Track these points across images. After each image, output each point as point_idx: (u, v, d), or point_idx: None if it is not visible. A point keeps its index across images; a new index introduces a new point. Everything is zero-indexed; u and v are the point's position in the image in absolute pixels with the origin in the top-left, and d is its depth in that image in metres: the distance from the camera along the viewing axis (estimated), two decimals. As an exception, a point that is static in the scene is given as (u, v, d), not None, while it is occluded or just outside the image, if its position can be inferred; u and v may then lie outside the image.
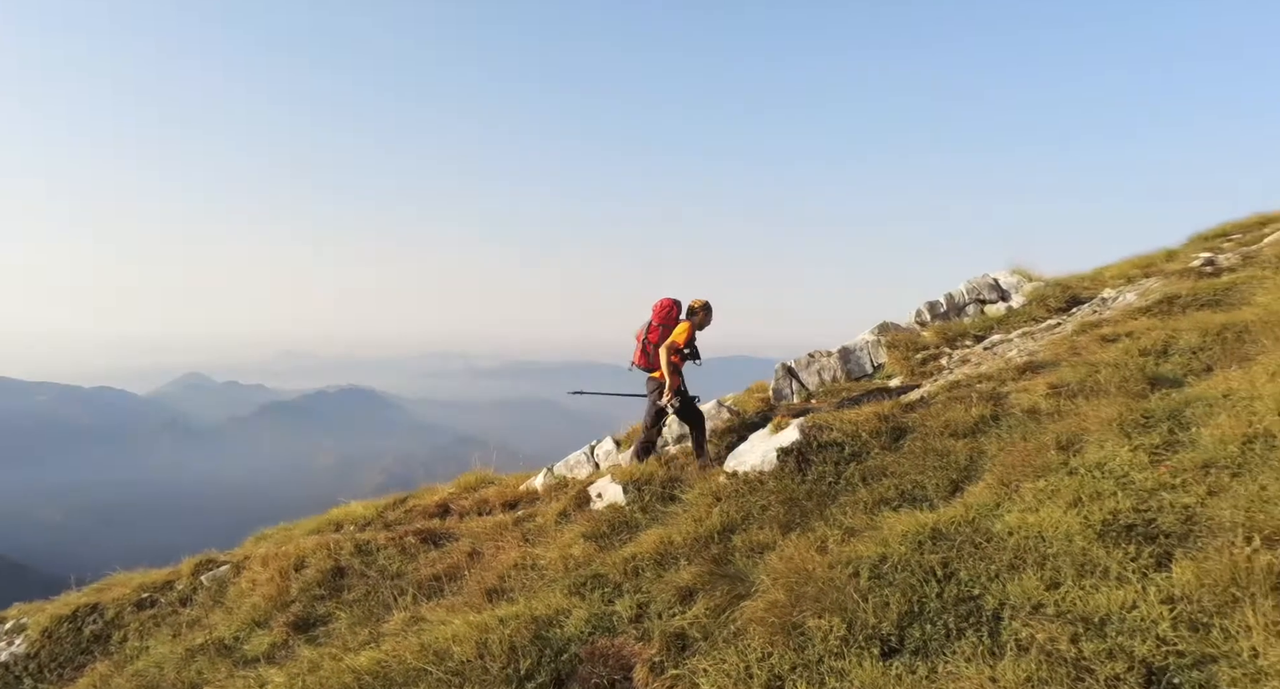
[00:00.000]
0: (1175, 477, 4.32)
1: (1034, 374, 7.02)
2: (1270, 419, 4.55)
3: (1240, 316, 6.49)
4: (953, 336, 9.34)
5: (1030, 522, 4.20)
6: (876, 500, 5.50)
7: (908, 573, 4.05)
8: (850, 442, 6.56)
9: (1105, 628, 3.30)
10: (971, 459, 5.72)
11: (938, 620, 3.65)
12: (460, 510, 10.10)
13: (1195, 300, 7.37)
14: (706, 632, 4.37)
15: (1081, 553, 3.81)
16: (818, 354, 9.73)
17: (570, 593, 5.46)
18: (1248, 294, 7.01)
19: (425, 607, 6.90)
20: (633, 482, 7.42)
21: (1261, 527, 3.55)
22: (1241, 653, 2.98)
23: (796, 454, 6.46)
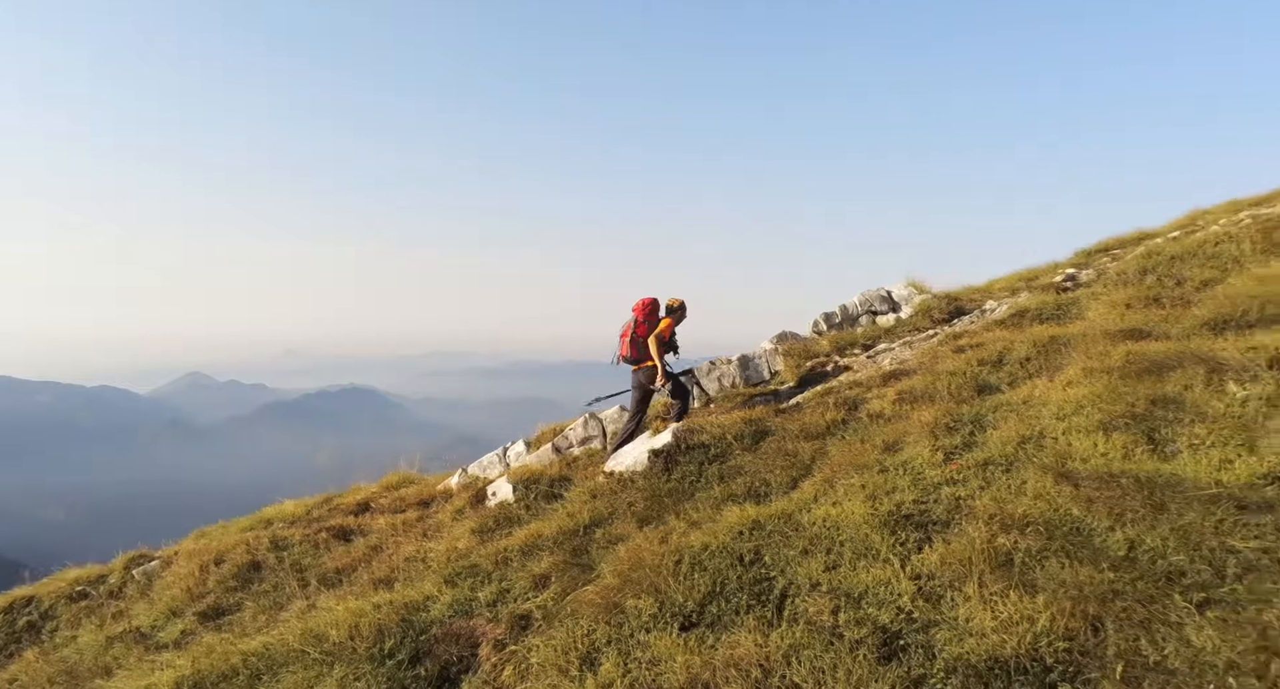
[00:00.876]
0: (960, 473, 4.89)
1: (894, 381, 7.58)
2: (1047, 422, 5.12)
3: (1068, 330, 7.06)
4: (844, 345, 9.89)
5: (832, 513, 4.75)
6: (726, 496, 6.05)
7: (722, 559, 4.59)
8: (716, 444, 7.12)
9: (862, 601, 3.86)
10: (813, 459, 6.28)
11: (734, 598, 4.19)
12: (379, 508, 10.60)
13: (1041, 314, 7.94)
14: (548, 613, 4.90)
15: (864, 539, 4.36)
16: (719, 362, 10.27)
17: (444, 581, 5.98)
18: (1083, 309, 7.57)
19: (322, 596, 7.45)
20: (522, 481, 7.94)
21: (1009, 515, 4.12)
22: (958, 619, 3.55)
23: (666, 455, 7.01)
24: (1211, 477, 3.95)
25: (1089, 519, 3.89)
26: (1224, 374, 4.85)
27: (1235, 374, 4.83)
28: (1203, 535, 3.57)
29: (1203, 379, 4.85)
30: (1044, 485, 4.25)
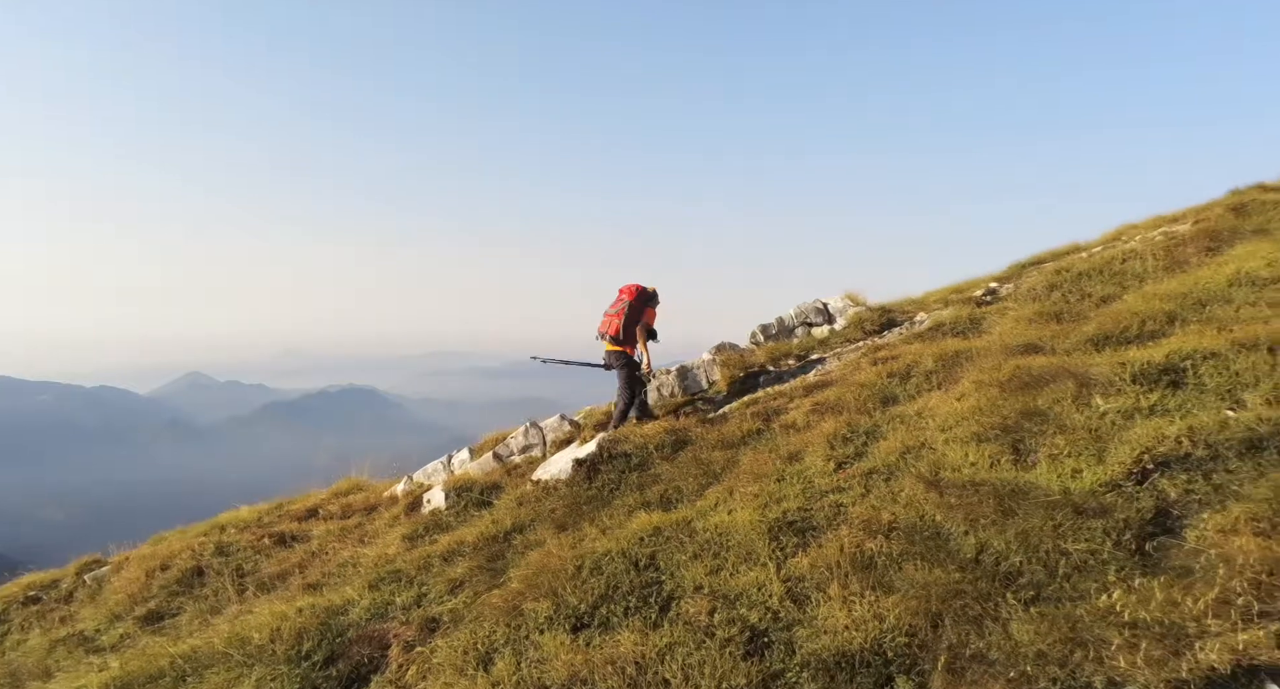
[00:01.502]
0: (846, 482, 5.21)
1: (814, 392, 7.90)
2: (931, 433, 5.45)
3: (974, 344, 7.41)
4: (778, 356, 10.21)
5: (725, 521, 5.05)
6: (639, 503, 6.33)
7: (619, 563, 4.88)
8: (638, 453, 7.39)
9: (737, 602, 4.16)
10: (724, 468, 6.58)
11: (624, 601, 4.47)
12: (326, 514, 10.75)
13: (955, 328, 8.29)
14: (456, 616, 5.16)
15: (748, 544, 4.66)
16: (658, 372, 10.55)
17: (368, 586, 6.21)
18: (992, 324, 7.94)
19: (257, 601, 7.64)
20: (455, 488, 8.16)
21: (878, 521, 4.44)
22: (818, 618, 3.85)
23: (589, 464, 7.27)
24: (1060, 485, 4.29)
25: (948, 524, 4.22)
26: (1092, 388, 5.22)
27: (1102, 388, 5.20)
28: (1041, 539, 3.90)
29: (1072, 393, 5.20)
30: (915, 493, 4.57)
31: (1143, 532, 3.91)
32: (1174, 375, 5.24)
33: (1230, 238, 8.38)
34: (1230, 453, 4.36)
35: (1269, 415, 4.66)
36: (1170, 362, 5.37)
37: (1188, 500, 4.10)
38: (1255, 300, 6.34)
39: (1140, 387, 5.13)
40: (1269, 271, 6.80)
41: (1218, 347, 5.45)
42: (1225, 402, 4.94)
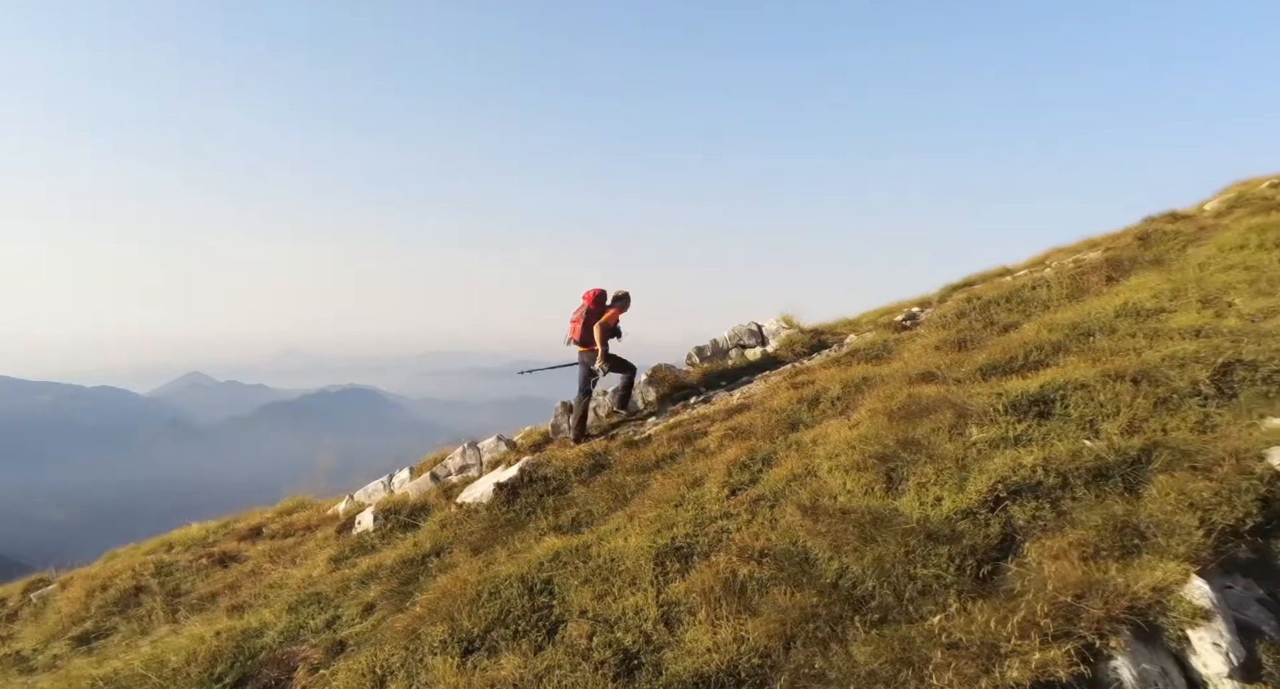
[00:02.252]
0: (736, 508, 5.50)
1: (734, 415, 8.19)
2: (820, 460, 5.76)
3: (881, 370, 7.76)
4: (711, 378, 10.52)
5: (620, 546, 5.31)
6: (551, 527, 6.58)
7: (517, 588, 5.12)
8: (558, 476, 7.65)
9: (615, 626, 4.42)
10: (635, 491, 6.85)
11: (515, 625, 4.72)
12: (269, 533, 10.87)
13: (870, 353, 8.64)
14: (363, 639, 5.38)
15: (636, 570, 4.93)
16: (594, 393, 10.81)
17: (287, 608, 6.40)
18: (903, 349, 8.29)
19: (186, 622, 7.78)
20: (384, 510, 8.36)
21: (755, 547, 4.73)
22: (685, 640, 4.13)
23: (509, 488, 7.51)
24: (922, 512, 4.62)
25: (816, 550, 4.53)
26: (969, 418, 5.56)
27: (978, 418, 5.54)
28: (895, 564, 4.22)
29: (950, 423, 5.54)
30: (793, 520, 4.88)
31: (986, 556, 4.24)
32: (1044, 406, 5.60)
33: (1131, 267, 8.83)
34: (1079, 481, 4.72)
35: (1121, 445, 5.03)
36: (1043, 392, 5.73)
37: (1033, 526, 4.44)
38: (1135, 331, 6.74)
39: (1012, 417, 5.48)
40: (1153, 303, 7.22)
41: (1088, 378, 5.82)
42: (1085, 431, 5.32)
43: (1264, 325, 6.17)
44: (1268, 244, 7.72)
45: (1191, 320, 6.64)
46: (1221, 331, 6.31)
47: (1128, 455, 4.90)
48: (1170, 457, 4.86)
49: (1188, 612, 3.62)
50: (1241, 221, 8.77)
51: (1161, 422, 5.32)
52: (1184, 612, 3.62)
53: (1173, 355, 6.04)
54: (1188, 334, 6.42)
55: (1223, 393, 5.57)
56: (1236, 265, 7.43)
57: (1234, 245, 7.93)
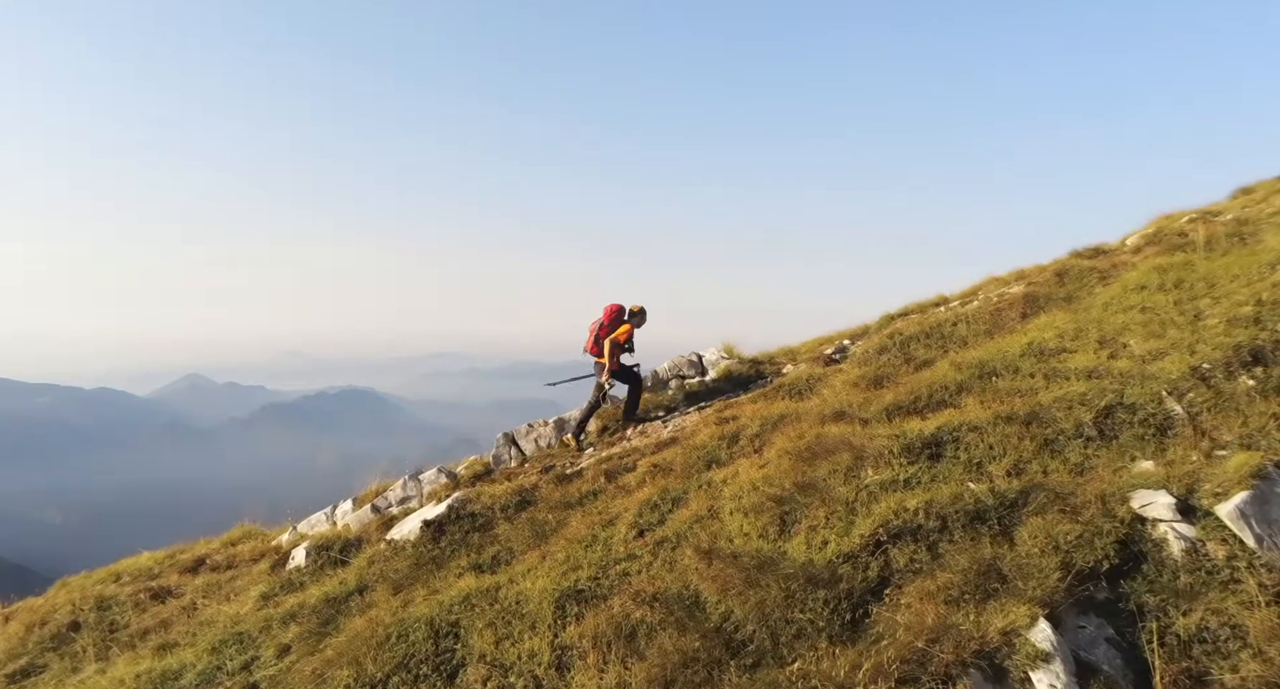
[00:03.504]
0: (640, 549, 5.71)
1: (661, 450, 8.41)
2: (725, 501, 6.00)
3: (801, 407, 8.03)
4: (650, 408, 10.74)
5: (527, 588, 5.50)
6: (471, 566, 6.74)
7: (424, 631, 5.29)
8: (485, 513, 7.82)
9: (510, 671, 4.62)
10: (555, 529, 7.04)
11: (417, 669, 4.89)
12: (211, 565, 10.88)
13: (794, 387, 8.91)
14: (274, 682, 5.51)
15: (537, 613, 5.12)
16: (536, 424, 11.00)
17: (210, 648, 6.49)
18: (826, 385, 8.58)
19: (115, 661, 7.82)
20: (316, 546, 8.46)
21: (650, 591, 4.94)
22: (573, 686, 4.33)
23: (436, 525, 7.67)
24: (807, 556, 4.87)
25: (706, 594, 4.76)
26: (865, 460, 5.84)
27: (873, 460, 5.82)
28: (775, 608, 4.46)
29: (848, 464, 5.81)
30: (690, 563, 5.11)
31: (861, 600, 4.50)
32: (937, 448, 5.90)
33: (1045, 304, 9.21)
34: (958, 524, 5.00)
35: (1002, 487, 5.33)
36: (937, 434, 6.03)
37: (909, 570, 4.71)
38: (1035, 371, 7.08)
39: (905, 459, 5.76)
40: (1055, 343, 7.57)
41: (981, 420, 6.14)
42: (972, 473, 5.62)
43: (1149, 368, 6.52)
44: (1166, 285, 8.11)
45: (1087, 361, 6.98)
46: (1112, 373, 6.65)
47: (1006, 498, 5.19)
48: (1046, 498, 5.16)
49: (1031, 654, 3.89)
50: (1149, 261, 9.19)
51: (1043, 463, 5.64)
52: (1028, 654, 3.89)
53: (1063, 397, 6.37)
54: (1082, 375, 6.76)
55: (1104, 435, 5.90)
56: (1135, 306, 7.81)
57: (1136, 285, 8.32)
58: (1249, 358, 6.39)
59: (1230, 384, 6.16)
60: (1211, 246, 9.06)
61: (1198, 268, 8.35)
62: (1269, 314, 6.96)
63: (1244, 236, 9.17)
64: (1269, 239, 8.70)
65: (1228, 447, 5.57)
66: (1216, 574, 4.47)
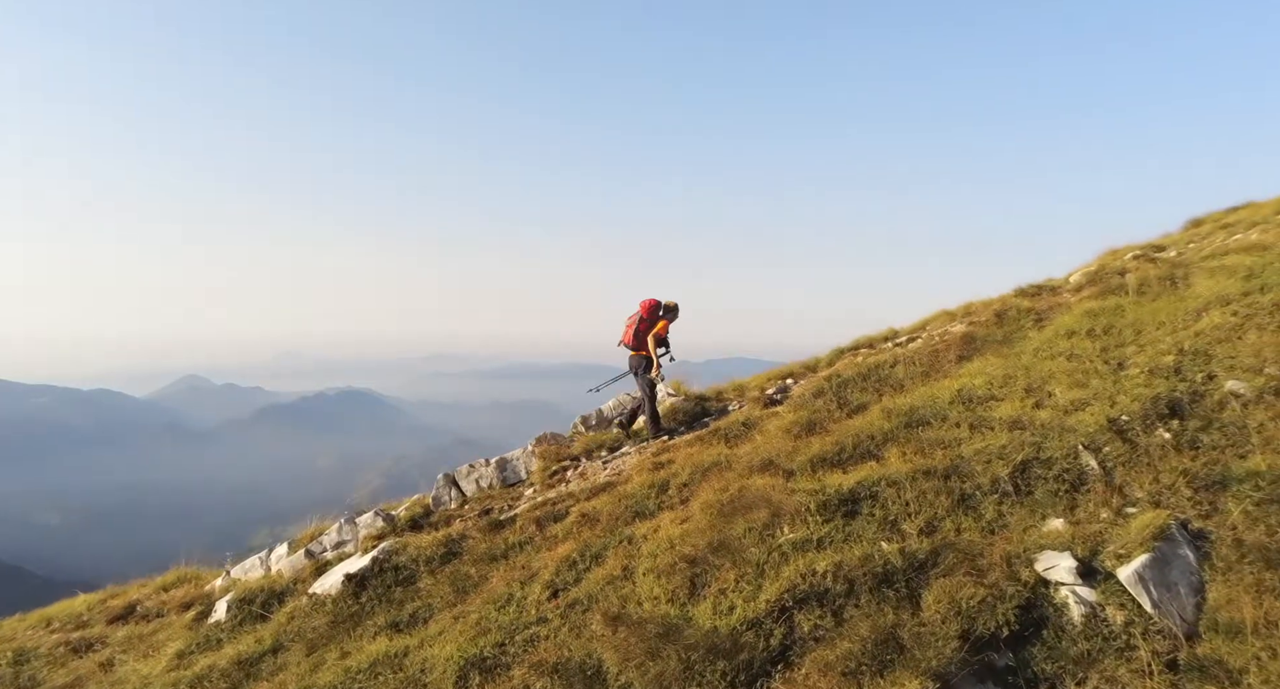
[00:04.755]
0: (553, 612, 5.68)
1: (597, 495, 8.39)
2: (642, 559, 5.99)
3: (734, 452, 8.07)
4: (593, 449, 10.74)
5: (433, 654, 5.46)
6: (389, 623, 6.68)
7: None
8: (410, 565, 7.74)
9: None
10: (477, 583, 7.00)
11: None
12: (141, 613, 10.67)
13: (729, 432, 8.94)
14: None
15: (440, 683, 5.08)
16: (477, 464, 10.95)
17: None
18: (760, 429, 8.63)
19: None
20: (238, 598, 8.32)
21: (551, 660, 4.92)
22: None
23: (359, 579, 7.58)
24: (712, 622, 4.87)
25: (608, 663, 4.75)
26: (782, 517, 5.87)
27: (790, 517, 5.85)
28: (673, 680, 4.45)
29: (764, 521, 5.84)
30: (597, 628, 5.09)
31: (760, 670, 4.51)
32: (853, 505, 5.94)
33: (982, 345, 9.35)
34: (865, 588, 5.04)
35: (912, 547, 5.38)
36: (856, 489, 6.08)
37: (812, 637, 4.74)
38: (961, 420, 7.17)
39: (821, 517, 5.80)
40: (984, 390, 7.68)
41: (901, 474, 6.20)
42: (885, 532, 5.66)
43: (1069, 419, 6.62)
44: (1095, 331, 8.27)
45: (1012, 410, 7.08)
46: (1035, 424, 6.75)
47: (916, 558, 5.24)
48: (955, 559, 5.22)
49: (919, 730, 3.92)
50: (1083, 304, 9.36)
51: (957, 521, 5.70)
52: (916, 730, 3.92)
53: (984, 449, 6.46)
54: (1006, 425, 6.85)
55: (1019, 490, 5.98)
56: (1063, 353, 7.95)
57: (1066, 331, 8.47)
58: (1166, 410, 6.50)
59: (1147, 437, 6.26)
60: (1143, 290, 9.25)
61: (1127, 314, 8.52)
62: (1189, 364, 7.11)
63: (1176, 280, 9.37)
64: (1198, 284, 8.89)
65: (1138, 504, 5.67)
66: (1113, 641, 4.55)
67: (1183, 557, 5.01)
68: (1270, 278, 8.22)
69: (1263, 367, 6.71)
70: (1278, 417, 6.08)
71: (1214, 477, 5.67)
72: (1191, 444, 6.09)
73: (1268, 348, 6.86)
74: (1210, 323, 7.65)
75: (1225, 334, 7.37)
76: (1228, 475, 5.64)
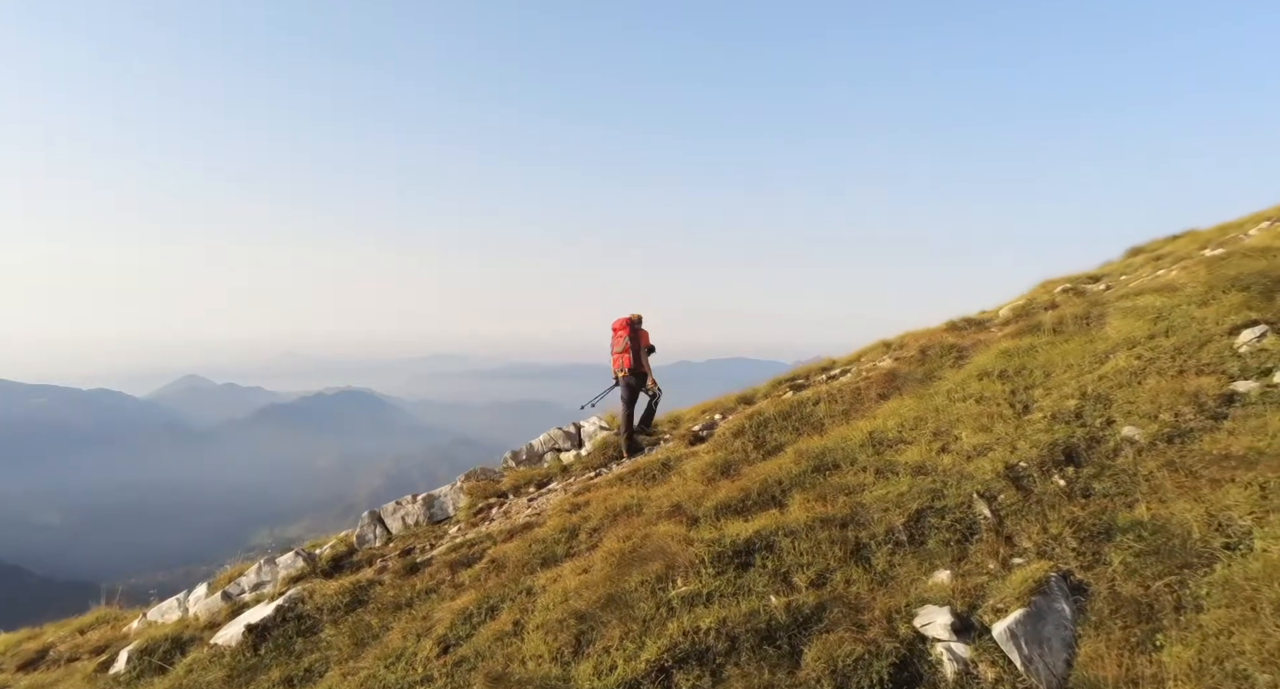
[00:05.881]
0: (439, 671, 5.66)
1: (512, 538, 8.38)
2: (533, 615, 6.00)
3: (648, 494, 8.12)
4: (522, 484, 10.73)
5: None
6: (284, 679, 6.63)
7: None
8: (315, 614, 7.67)
9: None
10: (377, 635, 6.96)
11: None
12: (55, 657, 10.43)
13: (648, 472, 8.96)
14: None
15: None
16: (404, 501, 10.89)
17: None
18: (680, 469, 8.68)
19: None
20: (137, 651, 8.16)
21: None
22: None
23: (259, 630, 7.49)
24: (592, 683, 4.90)
25: (483, 727, 4.74)
26: (676, 570, 5.91)
27: (684, 570, 5.90)
28: (543, 745, 4.46)
29: (659, 574, 5.88)
30: (479, 688, 5.09)
31: (633, 736, 4.53)
32: (748, 556, 6.00)
33: (903, 383, 9.49)
34: (747, 645, 5.10)
35: (801, 601, 5.45)
36: (754, 539, 6.15)
37: (689, 699, 4.77)
38: (869, 464, 7.29)
39: (715, 569, 5.85)
40: (895, 432, 7.82)
41: (799, 522, 6.28)
42: (776, 584, 5.72)
43: (970, 466, 6.76)
44: (1008, 372, 8.45)
45: (919, 455, 7.21)
46: (938, 469, 6.88)
47: (802, 613, 5.32)
48: (840, 613, 5.31)
49: (775, 800, 3.96)
50: (1002, 343, 9.55)
51: (848, 573, 5.78)
52: (772, 800, 3.96)
53: (884, 497, 6.57)
54: (911, 470, 6.98)
55: (913, 540, 6.09)
56: (973, 395, 8.11)
57: (980, 372, 8.64)
58: (1063, 456, 6.66)
59: (1043, 485, 6.40)
60: (1059, 330, 9.47)
61: (1039, 354, 8.72)
62: (1091, 409, 7.28)
63: (1092, 319, 9.60)
64: (1112, 324, 9.12)
65: (1025, 554, 5.80)
66: (983, 699, 4.64)
67: (1059, 611, 5.13)
68: (1176, 320, 8.46)
69: (1158, 412, 6.88)
70: (1167, 464, 6.24)
71: (1100, 526, 5.81)
72: (1084, 492, 6.23)
73: (1164, 393, 7.04)
74: (1115, 366, 7.85)
75: (1127, 378, 7.55)
76: (1113, 525, 5.78)
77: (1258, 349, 7.42)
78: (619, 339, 11.20)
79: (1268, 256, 9.46)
